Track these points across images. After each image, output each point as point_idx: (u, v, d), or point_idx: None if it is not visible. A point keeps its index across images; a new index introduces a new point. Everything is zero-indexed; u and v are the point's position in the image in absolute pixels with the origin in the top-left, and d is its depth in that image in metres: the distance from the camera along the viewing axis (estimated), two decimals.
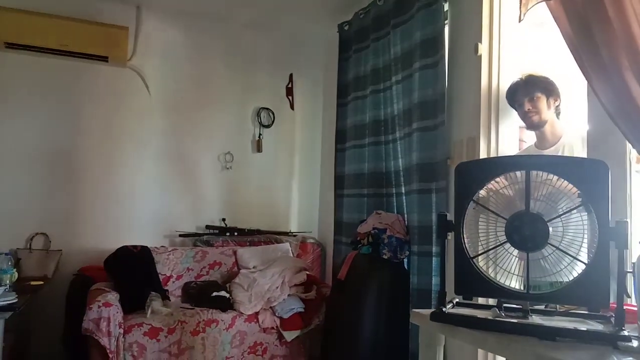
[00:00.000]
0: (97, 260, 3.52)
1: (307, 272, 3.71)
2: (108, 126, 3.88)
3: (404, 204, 3.14)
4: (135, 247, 3.54)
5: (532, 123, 2.26)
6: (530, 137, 2.51)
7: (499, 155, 2.52)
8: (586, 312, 1.46)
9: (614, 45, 1.55)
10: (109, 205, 3.85)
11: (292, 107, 4.52)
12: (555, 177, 1.36)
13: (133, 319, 3.03)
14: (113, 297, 3.04)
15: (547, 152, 2.23)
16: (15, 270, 2.72)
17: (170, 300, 3.44)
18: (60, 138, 3.75)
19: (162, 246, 3.82)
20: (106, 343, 2.83)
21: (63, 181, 3.74)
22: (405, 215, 3.12)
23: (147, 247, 3.60)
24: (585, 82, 1.76)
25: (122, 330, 2.93)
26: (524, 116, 2.28)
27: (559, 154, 2.18)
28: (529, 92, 2.24)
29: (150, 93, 4.00)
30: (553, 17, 1.70)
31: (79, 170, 3.80)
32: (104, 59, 3.77)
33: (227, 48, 4.31)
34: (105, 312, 2.87)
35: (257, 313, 3.33)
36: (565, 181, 1.35)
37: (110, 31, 3.74)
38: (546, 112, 2.24)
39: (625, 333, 1.23)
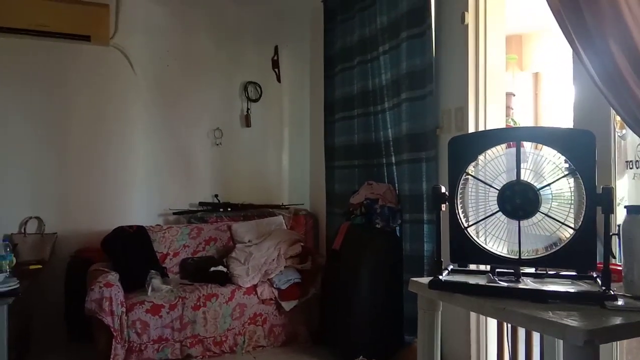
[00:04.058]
0: (92, 242, 3.55)
1: (302, 244, 3.78)
2: (95, 107, 3.83)
3: (395, 173, 3.19)
4: (131, 227, 3.56)
5: None
6: (517, 105, 2.56)
7: (487, 124, 2.57)
8: (574, 274, 1.53)
9: (599, 12, 1.57)
10: (101, 187, 3.85)
11: (278, 79, 4.49)
12: (545, 147, 1.42)
13: (134, 297, 3.09)
14: (113, 277, 3.08)
15: None
16: (13, 255, 2.74)
17: (169, 278, 3.50)
18: (48, 121, 3.70)
19: (157, 225, 3.86)
20: (110, 322, 2.89)
21: (53, 164, 3.71)
22: (396, 185, 3.18)
23: (142, 226, 3.63)
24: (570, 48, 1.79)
25: (124, 309, 2.99)
26: None
27: None
28: None
29: (135, 71, 3.95)
30: None
31: (68, 152, 3.77)
32: (86, 38, 3.69)
33: (211, 21, 4.24)
34: (107, 292, 2.92)
35: (255, 285, 3.40)
36: (554, 150, 1.40)
37: (90, 9, 3.65)
38: None
39: (612, 292, 1.31)
